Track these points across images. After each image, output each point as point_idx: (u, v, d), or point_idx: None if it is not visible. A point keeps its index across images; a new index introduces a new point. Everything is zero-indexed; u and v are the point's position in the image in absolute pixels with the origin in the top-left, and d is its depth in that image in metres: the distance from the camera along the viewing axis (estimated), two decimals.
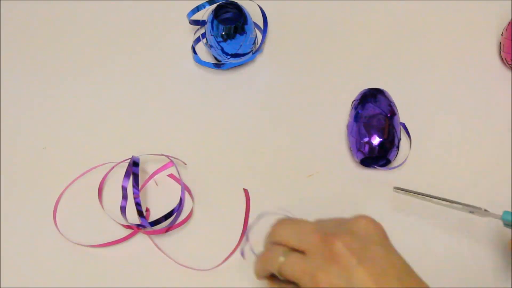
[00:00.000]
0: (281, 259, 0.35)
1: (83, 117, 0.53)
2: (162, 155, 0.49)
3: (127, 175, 0.48)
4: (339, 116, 0.51)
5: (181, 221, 0.46)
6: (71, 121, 0.53)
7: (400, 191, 0.42)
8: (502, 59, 0.54)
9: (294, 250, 0.35)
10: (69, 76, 0.56)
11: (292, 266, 0.35)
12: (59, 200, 0.48)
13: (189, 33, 0.57)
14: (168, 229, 0.46)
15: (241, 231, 0.46)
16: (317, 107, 0.52)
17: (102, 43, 0.57)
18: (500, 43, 0.53)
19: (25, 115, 0.53)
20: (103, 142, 0.51)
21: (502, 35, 0.52)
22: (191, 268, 0.45)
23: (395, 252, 0.34)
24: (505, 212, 0.39)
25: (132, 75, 0.55)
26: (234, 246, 0.46)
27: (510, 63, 0.53)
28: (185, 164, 0.49)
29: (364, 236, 0.34)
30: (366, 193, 0.48)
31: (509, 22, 0.51)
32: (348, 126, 0.49)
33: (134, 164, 0.47)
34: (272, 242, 0.36)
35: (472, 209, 0.40)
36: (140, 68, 0.56)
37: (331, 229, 0.35)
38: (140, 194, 0.48)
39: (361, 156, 0.47)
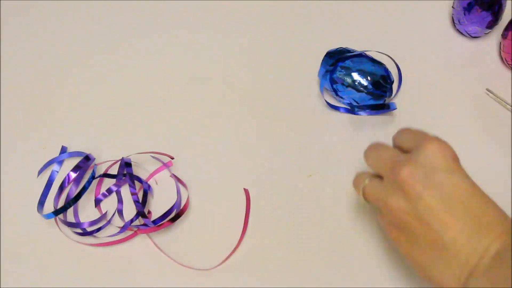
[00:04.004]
0: (365, 182, 0.38)
1: (84, 116, 0.53)
2: (148, 152, 0.49)
3: (118, 177, 0.48)
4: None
5: (180, 211, 0.46)
6: (71, 121, 0.53)
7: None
8: (502, 59, 0.54)
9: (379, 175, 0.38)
10: (69, 75, 0.56)
11: (371, 191, 0.38)
12: (60, 199, 0.48)
13: None
14: (168, 223, 0.45)
15: (241, 231, 0.46)
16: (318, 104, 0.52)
17: (101, 44, 0.57)
18: (500, 43, 0.53)
19: (25, 115, 0.53)
20: (104, 142, 0.51)
21: (502, 35, 0.52)
22: (191, 268, 0.45)
23: (460, 176, 0.35)
24: None
25: (132, 75, 0.55)
26: (234, 246, 0.46)
27: (510, 63, 0.53)
28: (173, 158, 0.49)
29: (429, 164, 0.35)
30: None
31: (509, 22, 0.51)
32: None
33: (127, 164, 0.47)
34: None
35: None
36: (140, 68, 0.56)
37: (402, 157, 0.36)
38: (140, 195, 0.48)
39: None
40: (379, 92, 0.48)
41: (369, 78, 0.48)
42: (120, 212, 0.48)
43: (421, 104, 0.52)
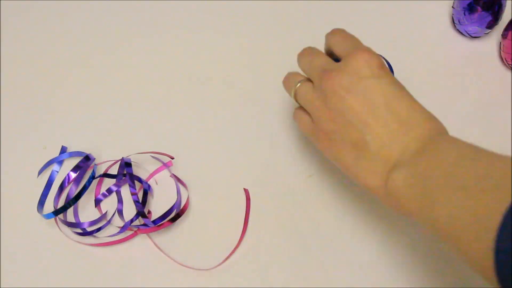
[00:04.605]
0: (297, 85, 0.41)
1: (84, 116, 0.53)
2: (148, 152, 0.49)
3: (118, 177, 0.48)
4: None
5: (180, 211, 0.46)
6: (71, 121, 0.53)
7: None
8: (502, 59, 0.54)
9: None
10: (69, 75, 0.56)
11: (302, 94, 0.40)
12: (60, 199, 0.48)
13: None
14: (168, 223, 0.46)
15: (241, 231, 0.46)
16: None
17: (101, 44, 0.57)
18: (500, 43, 0.53)
19: (25, 115, 0.53)
20: (104, 142, 0.51)
21: (502, 35, 0.52)
22: (191, 268, 0.45)
23: (387, 81, 0.37)
24: None
25: (133, 75, 0.55)
26: (234, 246, 0.46)
27: (510, 63, 0.53)
28: (173, 158, 0.49)
29: (356, 73, 0.37)
30: None
31: (509, 22, 0.51)
32: None
33: (127, 164, 0.47)
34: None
35: None
36: (140, 68, 0.56)
37: (331, 66, 0.38)
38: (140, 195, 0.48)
39: None
40: None
41: None
42: (120, 212, 0.48)
43: None
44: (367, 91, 0.36)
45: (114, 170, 0.50)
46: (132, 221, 0.46)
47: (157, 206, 0.48)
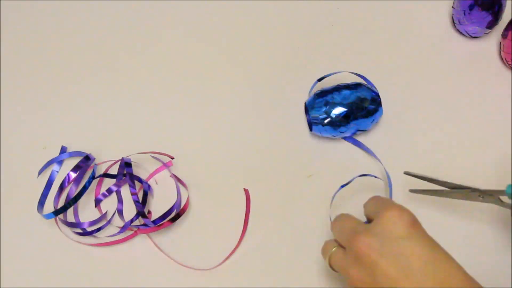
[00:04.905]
0: (332, 251, 0.39)
1: (84, 116, 0.53)
2: (148, 152, 0.49)
3: (118, 177, 0.48)
4: None
5: (180, 211, 0.46)
6: (71, 121, 0.53)
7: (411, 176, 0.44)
8: (502, 59, 0.54)
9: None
10: (69, 75, 0.55)
11: (336, 260, 0.39)
12: (60, 199, 0.48)
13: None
14: (168, 223, 0.46)
15: (241, 231, 0.46)
16: None
17: (102, 44, 0.57)
18: (500, 43, 0.53)
19: (25, 115, 0.53)
20: (104, 142, 0.51)
21: (502, 35, 0.52)
22: (191, 268, 0.45)
23: (418, 242, 0.35)
24: (509, 186, 0.38)
25: (132, 75, 0.55)
26: (234, 246, 0.46)
27: (510, 63, 0.53)
28: (173, 158, 0.49)
29: (386, 233, 0.35)
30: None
31: (509, 22, 0.51)
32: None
33: (127, 164, 0.47)
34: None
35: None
36: (139, 68, 0.56)
37: (361, 228, 0.37)
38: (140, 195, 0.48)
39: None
40: (370, 113, 0.48)
41: (357, 106, 0.47)
42: (120, 212, 0.48)
43: (420, 105, 0.52)
44: (400, 254, 0.34)
45: (114, 170, 0.50)
46: (132, 221, 0.46)
47: (157, 206, 0.48)
